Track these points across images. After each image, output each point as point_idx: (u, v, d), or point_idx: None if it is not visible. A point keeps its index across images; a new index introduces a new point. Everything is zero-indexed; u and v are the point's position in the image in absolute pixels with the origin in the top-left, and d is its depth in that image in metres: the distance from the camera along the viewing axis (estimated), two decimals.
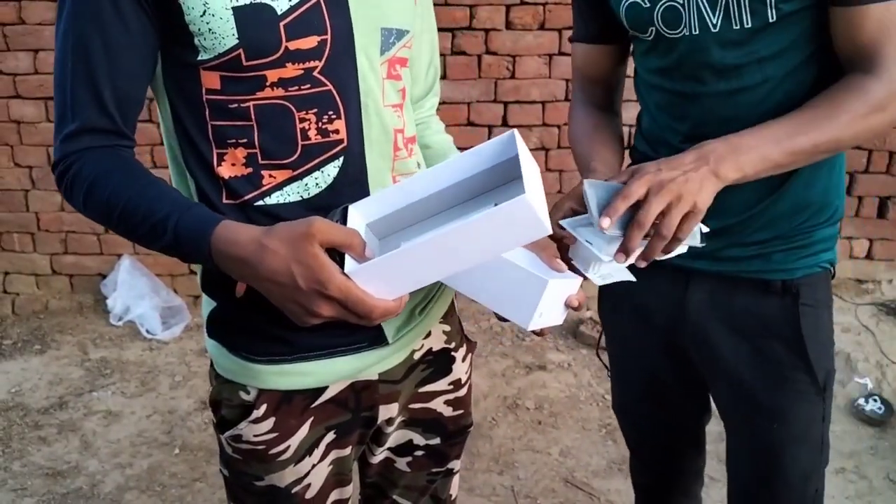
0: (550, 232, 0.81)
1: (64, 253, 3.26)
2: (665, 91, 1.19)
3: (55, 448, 2.49)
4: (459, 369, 1.16)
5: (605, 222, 0.96)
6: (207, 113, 0.92)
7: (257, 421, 1.00)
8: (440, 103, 1.25)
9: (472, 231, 0.79)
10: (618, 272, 1.05)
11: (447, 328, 1.15)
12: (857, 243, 3.21)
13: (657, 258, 1.01)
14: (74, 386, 2.80)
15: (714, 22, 1.09)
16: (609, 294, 1.38)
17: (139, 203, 0.86)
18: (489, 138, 1.30)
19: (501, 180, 0.89)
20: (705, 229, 1.04)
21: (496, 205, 0.81)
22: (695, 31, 1.10)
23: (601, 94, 1.33)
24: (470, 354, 1.20)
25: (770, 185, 1.13)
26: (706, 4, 1.08)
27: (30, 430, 2.57)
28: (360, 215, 0.89)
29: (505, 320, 0.96)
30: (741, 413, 1.28)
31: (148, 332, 3.08)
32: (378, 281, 0.81)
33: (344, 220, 0.87)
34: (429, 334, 1.12)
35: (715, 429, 1.50)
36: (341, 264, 0.81)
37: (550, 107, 3.09)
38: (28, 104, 3.05)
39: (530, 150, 1.08)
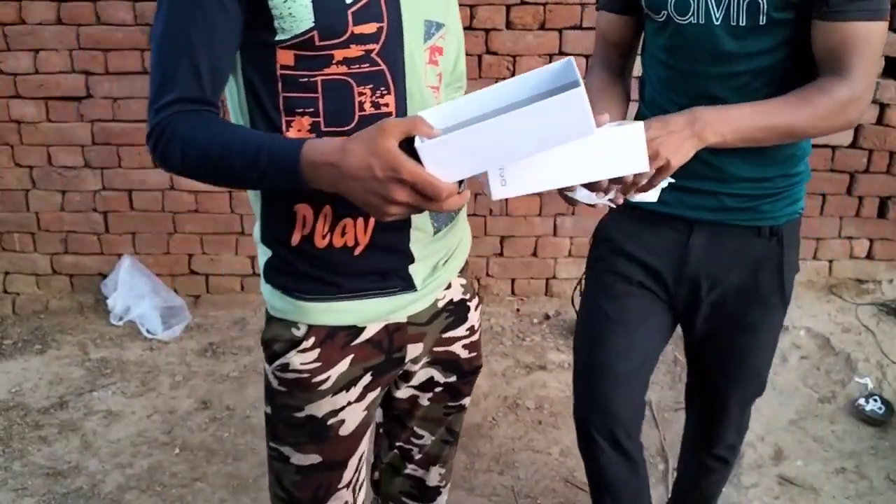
0: (594, 131, 0.94)
1: (64, 253, 3.26)
2: (669, 67, 1.41)
3: (55, 448, 2.49)
4: (473, 318, 1.37)
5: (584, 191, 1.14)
6: (280, 86, 1.07)
7: (304, 351, 1.16)
8: None
9: (527, 118, 0.91)
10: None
11: (463, 282, 1.34)
12: (858, 243, 3.21)
13: (627, 200, 1.21)
14: (75, 386, 2.80)
15: (717, 16, 1.30)
16: (609, 238, 1.58)
17: (233, 141, 1.00)
18: None
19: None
20: (665, 184, 1.23)
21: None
22: (700, 20, 1.32)
23: (616, 58, 1.54)
24: (480, 305, 1.41)
25: (758, 152, 1.36)
26: (713, 0, 1.30)
27: (30, 430, 2.57)
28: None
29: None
30: (723, 331, 1.55)
31: (148, 331, 3.08)
32: (443, 162, 0.93)
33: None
34: (449, 286, 1.30)
35: None
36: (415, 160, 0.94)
37: None
38: (28, 104, 3.05)
39: None
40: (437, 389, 1.37)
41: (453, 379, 1.37)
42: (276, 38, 1.04)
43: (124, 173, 3.13)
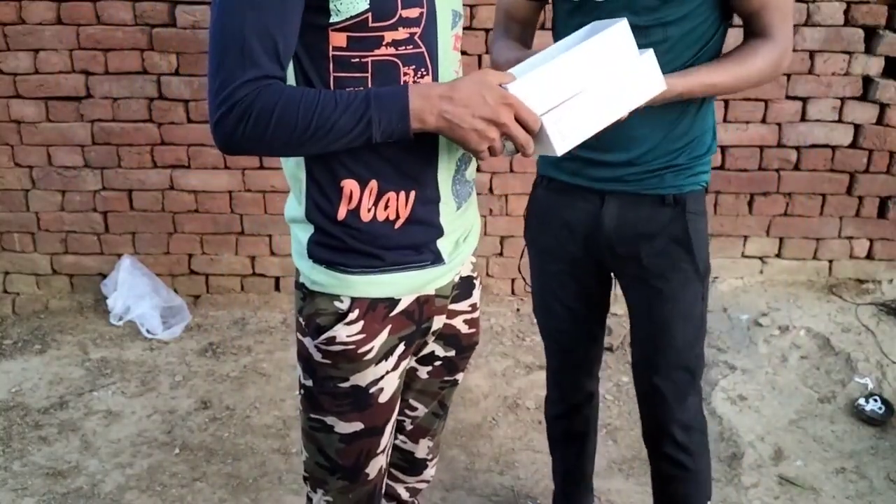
0: (638, 56, 1.21)
1: (64, 253, 3.26)
2: None
3: (55, 448, 2.50)
4: (476, 295, 1.44)
5: None
6: (331, 66, 1.14)
7: (350, 323, 1.22)
8: None
9: (586, 52, 1.15)
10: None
11: (474, 260, 1.43)
12: (858, 243, 3.21)
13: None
14: (75, 386, 2.80)
15: None
16: (536, 213, 1.73)
17: (332, 97, 1.09)
18: None
19: None
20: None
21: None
22: None
23: (518, 32, 1.68)
24: (480, 285, 1.49)
25: (664, 128, 1.51)
26: None
27: (30, 430, 2.57)
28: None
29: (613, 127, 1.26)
30: (642, 297, 1.64)
31: (148, 331, 3.08)
32: (529, 97, 1.12)
33: None
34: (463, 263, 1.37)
35: None
36: None
37: None
38: (28, 104, 3.05)
39: None
40: (437, 363, 1.43)
41: (452, 353, 1.44)
42: (331, 20, 1.11)
43: (124, 173, 3.13)
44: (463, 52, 1.21)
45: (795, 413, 2.65)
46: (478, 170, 3.07)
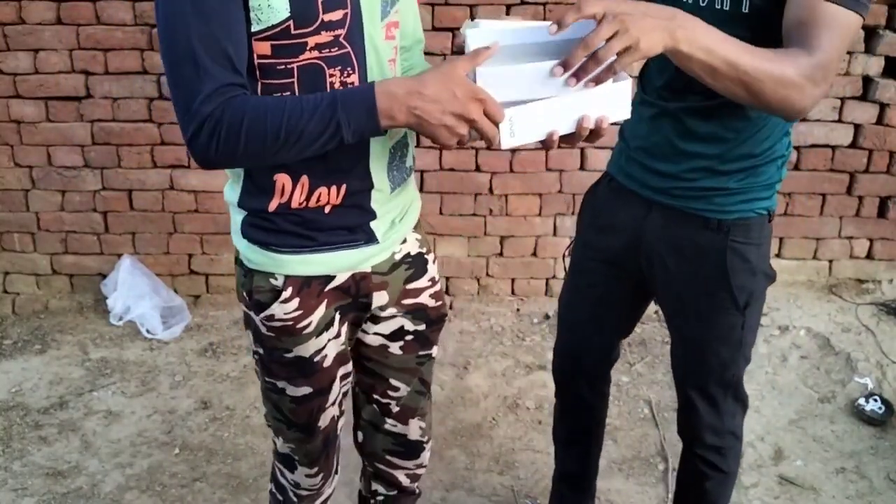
0: (612, 83, 1.16)
1: (64, 253, 3.26)
2: None
3: (55, 448, 2.50)
4: (432, 269, 1.49)
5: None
6: (258, 74, 1.17)
7: (285, 301, 1.29)
8: None
9: (579, 96, 1.15)
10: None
11: (419, 237, 1.46)
12: (858, 243, 3.21)
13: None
14: (75, 386, 2.80)
15: None
16: (591, 206, 1.72)
17: (299, 104, 1.10)
18: None
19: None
20: (631, 94, 1.24)
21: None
22: (689, 0, 1.38)
23: None
24: (436, 260, 1.53)
25: (719, 147, 1.44)
26: None
27: (30, 430, 2.57)
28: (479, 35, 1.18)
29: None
30: (679, 317, 1.63)
31: (148, 331, 3.08)
32: (496, 87, 1.11)
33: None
34: (405, 241, 1.42)
35: None
36: None
37: None
38: (28, 104, 3.05)
39: (530, 149, 1.27)
40: (408, 338, 1.49)
41: (423, 327, 1.49)
42: (253, 29, 1.12)
43: (124, 173, 3.13)
44: (463, 52, 1.20)
45: (795, 413, 2.65)
46: (478, 170, 3.09)
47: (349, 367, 1.47)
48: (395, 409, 1.55)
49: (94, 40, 2.97)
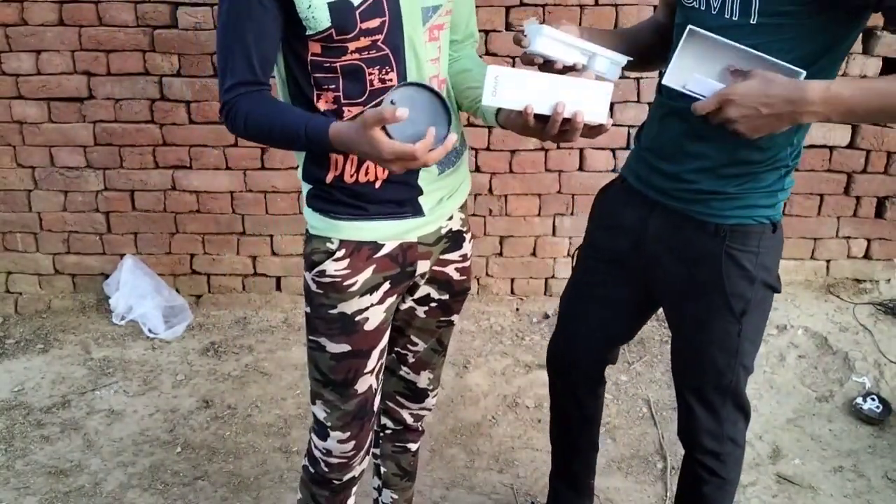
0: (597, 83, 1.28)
1: (66, 253, 3.27)
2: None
3: (58, 447, 2.51)
4: (467, 247, 1.65)
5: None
6: (310, 68, 1.38)
7: (337, 260, 1.47)
8: None
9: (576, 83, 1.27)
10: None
11: (462, 216, 1.63)
12: (855, 243, 3.22)
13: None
14: (77, 385, 2.82)
15: (714, 6, 1.39)
16: (601, 205, 1.75)
17: (282, 121, 1.34)
18: (489, 139, 1.51)
19: None
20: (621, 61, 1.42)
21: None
22: (701, 6, 1.42)
23: (665, 11, 1.66)
24: (472, 238, 1.69)
25: (723, 150, 1.45)
26: None
27: (32, 429, 2.59)
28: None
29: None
30: (676, 319, 1.65)
31: (150, 331, 3.10)
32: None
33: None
34: (451, 218, 1.58)
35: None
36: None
37: None
38: (30, 105, 3.06)
39: (529, 150, 1.30)
40: (432, 304, 1.65)
41: (446, 297, 1.66)
42: (307, 32, 1.33)
43: (126, 174, 3.15)
44: None
45: (793, 412, 2.66)
46: (477, 170, 3.10)
47: (385, 341, 1.60)
48: (412, 360, 1.73)
49: (97, 41, 2.98)
